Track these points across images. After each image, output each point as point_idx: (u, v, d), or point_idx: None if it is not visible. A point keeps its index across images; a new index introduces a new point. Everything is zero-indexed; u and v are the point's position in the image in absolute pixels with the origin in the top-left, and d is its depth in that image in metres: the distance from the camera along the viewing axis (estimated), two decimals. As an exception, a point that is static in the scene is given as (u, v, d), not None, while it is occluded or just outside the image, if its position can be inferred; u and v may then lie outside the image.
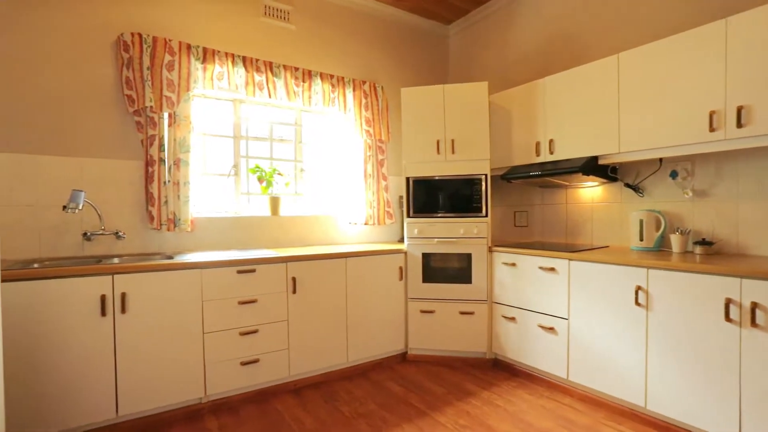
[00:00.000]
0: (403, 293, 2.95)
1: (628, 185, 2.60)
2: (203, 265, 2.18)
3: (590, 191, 2.85)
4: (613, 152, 2.37)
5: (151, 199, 2.48)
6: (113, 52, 2.47)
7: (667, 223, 2.39)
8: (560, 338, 2.38)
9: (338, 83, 3.22)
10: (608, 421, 2.09)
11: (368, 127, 3.32)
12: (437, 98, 2.92)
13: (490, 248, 2.83)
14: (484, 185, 2.85)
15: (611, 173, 2.59)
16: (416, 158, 2.97)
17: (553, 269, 2.41)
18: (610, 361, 2.14)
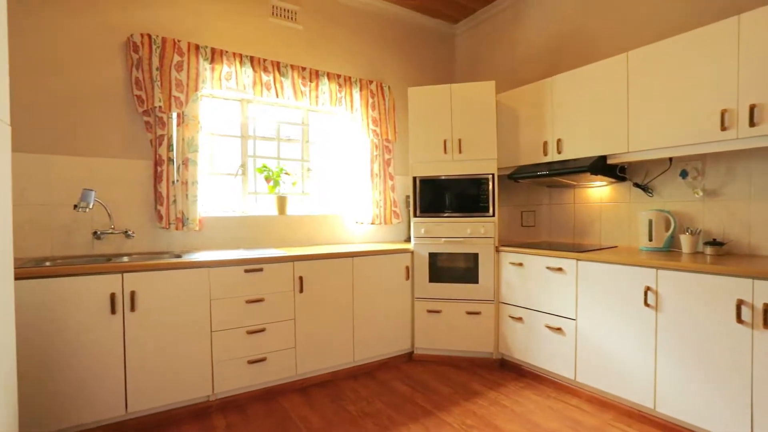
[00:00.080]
0: (409, 293, 2.95)
1: (637, 185, 2.58)
2: (211, 264, 2.20)
3: (598, 191, 2.83)
4: (622, 152, 2.35)
5: (159, 198, 2.50)
6: (123, 52, 2.49)
7: (676, 223, 2.36)
8: (568, 339, 2.36)
9: (345, 83, 3.22)
10: (616, 422, 2.07)
11: (375, 126, 3.32)
12: (444, 98, 2.91)
13: (497, 248, 2.82)
14: (491, 185, 2.83)
15: (620, 173, 2.57)
16: (423, 158, 2.96)
17: (560, 269, 2.40)
18: (618, 362, 2.12)
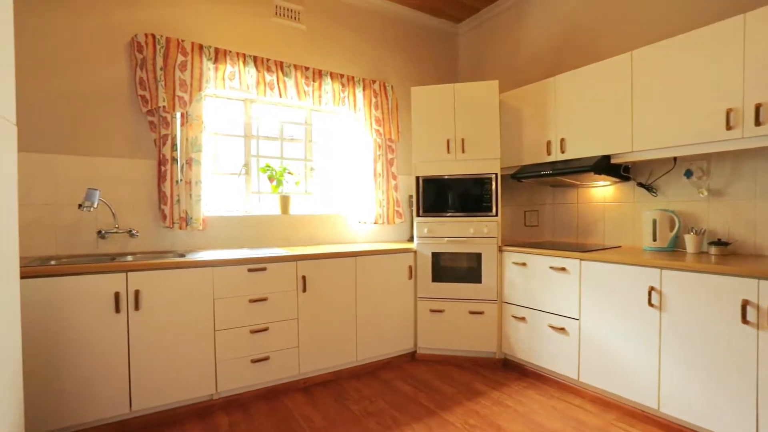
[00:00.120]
0: (412, 292, 2.95)
1: (641, 184, 2.57)
2: (215, 263, 2.21)
3: (602, 190, 2.82)
4: (626, 151, 2.35)
5: (163, 197, 2.51)
6: (127, 53, 2.50)
7: (681, 223, 2.35)
8: (571, 339, 2.36)
9: (348, 82, 3.22)
10: (619, 422, 2.07)
11: (378, 126, 3.32)
12: (447, 97, 2.91)
13: (500, 248, 2.82)
14: (494, 184, 2.83)
15: (624, 172, 2.55)
16: (426, 157, 2.96)
17: (564, 269, 2.39)
18: (621, 362, 2.12)
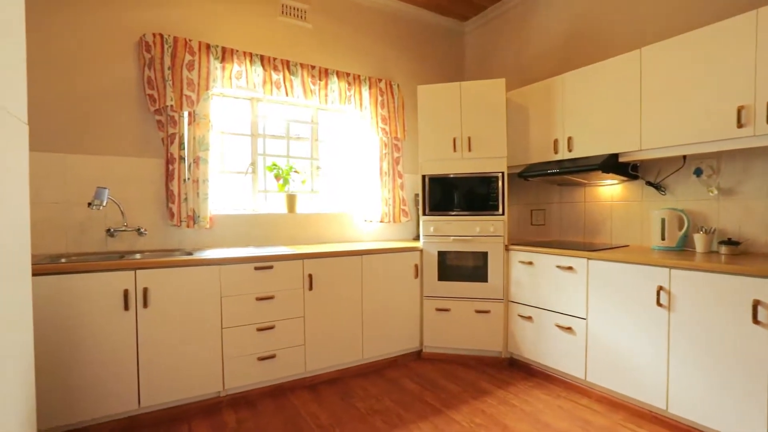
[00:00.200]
0: (418, 291, 2.95)
1: (649, 183, 2.54)
2: (222, 261, 2.22)
3: (609, 189, 2.80)
4: (634, 149, 2.32)
5: (171, 196, 2.53)
6: (135, 52, 2.52)
7: (690, 222, 2.33)
8: (578, 338, 2.35)
9: (354, 81, 3.22)
10: (627, 423, 2.05)
11: (384, 124, 3.32)
12: (454, 95, 2.90)
13: (506, 247, 2.81)
14: (500, 183, 2.82)
15: (632, 171, 2.53)
16: (432, 156, 2.95)
17: (571, 268, 2.38)
18: (629, 362, 2.10)
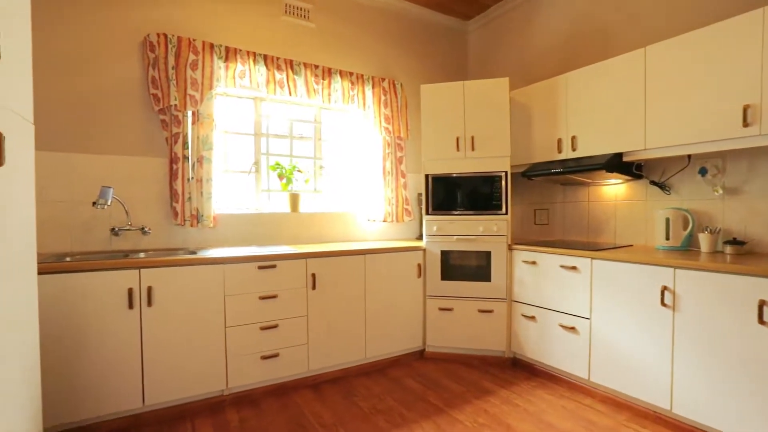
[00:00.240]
0: (421, 290, 2.95)
1: (653, 183, 2.53)
2: (225, 260, 2.23)
3: (613, 189, 2.79)
4: (638, 149, 2.31)
5: (175, 195, 2.54)
6: (140, 52, 2.53)
7: (695, 221, 2.31)
8: (582, 338, 2.34)
9: (357, 80, 3.22)
10: (631, 423, 2.04)
11: (387, 124, 3.32)
12: (457, 95, 2.90)
13: (509, 246, 2.80)
14: (504, 182, 2.81)
15: (636, 170, 2.52)
16: (435, 155, 2.95)
17: (574, 268, 2.37)
18: (633, 362, 2.09)
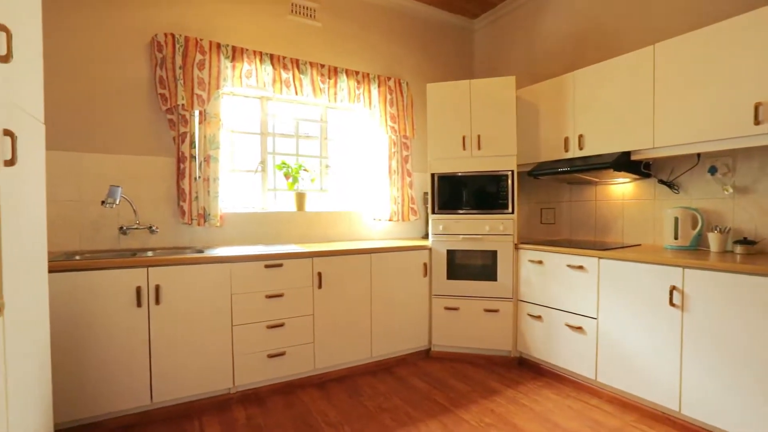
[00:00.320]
0: (427, 290, 2.95)
1: (662, 181, 2.51)
2: (232, 259, 2.24)
3: (621, 188, 2.76)
4: (647, 147, 2.29)
5: (182, 194, 2.56)
6: (147, 52, 2.55)
7: (704, 220, 2.29)
8: (588, 338, 2.32)
9: (363, 79, 3.22)
10: (639, 424, 2.03)
11: (393, 123, 3.31)
12: (463, 93, 2.89)
13: (516, 245, 2.79)
14: (510, 181, 2.80)
15: (644, 169, 2.50)
16: (441, 154, 2.94)
17: (581, 267, 2.36)
18: (641, 362, 2.07)
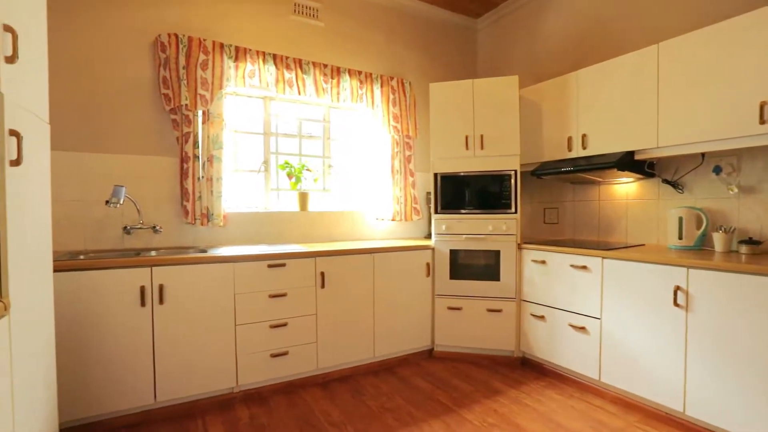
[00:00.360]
0: (430, 289, 2.95)
1: (666, 181, 2.50)
2: (235, 258, 2.25)
3: (625, 187, 2.75)
4: (650, 147, 2.28)
5: (185, 194, 2.56)
6: (151, 52, 2.56)
7: (709, 220, 2.28)
8: (592, 338, 2.32)
9: (366, 79, 3.22)
10: (642, 424, 2.02)
11: (396, 122, 3.31)
12: (466, 93, 2.88)
13: (519, 245, 2.78)
14: (513, 181, 2.79)
15: (648, 169, 2.49)
16: (444, 154, 2.94)
17: (585, 267, 2.35)
18: (645, 362, 2.07)
